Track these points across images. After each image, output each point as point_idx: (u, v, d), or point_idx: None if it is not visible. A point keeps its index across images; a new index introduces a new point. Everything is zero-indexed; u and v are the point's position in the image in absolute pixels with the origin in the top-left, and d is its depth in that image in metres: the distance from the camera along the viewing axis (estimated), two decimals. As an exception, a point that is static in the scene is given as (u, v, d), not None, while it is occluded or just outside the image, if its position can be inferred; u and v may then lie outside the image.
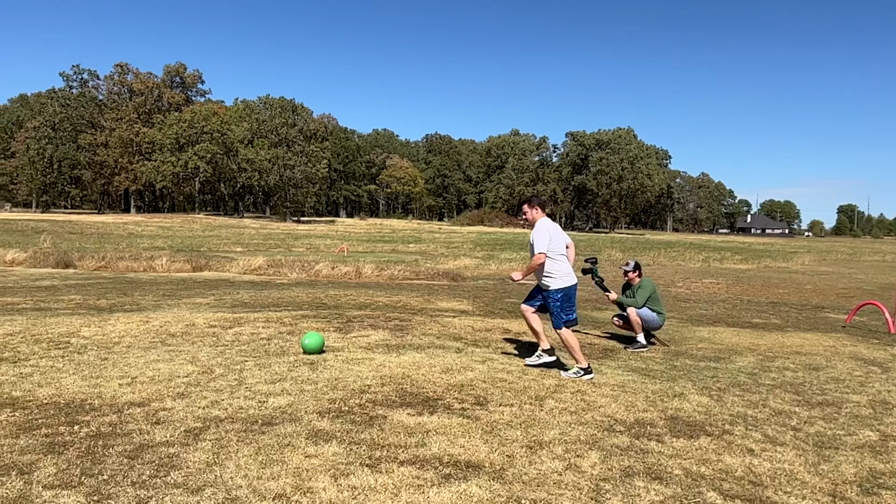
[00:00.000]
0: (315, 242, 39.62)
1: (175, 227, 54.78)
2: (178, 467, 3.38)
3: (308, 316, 8.58)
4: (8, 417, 4.07)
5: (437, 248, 35.26)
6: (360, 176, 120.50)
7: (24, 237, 32.84)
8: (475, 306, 10.94)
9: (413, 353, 6.42)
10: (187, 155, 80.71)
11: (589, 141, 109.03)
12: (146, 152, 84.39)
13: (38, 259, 19.26)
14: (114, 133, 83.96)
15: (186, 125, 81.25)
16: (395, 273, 17.74)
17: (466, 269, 21.40)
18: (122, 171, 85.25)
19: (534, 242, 5.88)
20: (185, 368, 5.48)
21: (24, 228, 39.74)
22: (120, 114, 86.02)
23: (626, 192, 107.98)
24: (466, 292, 13.60)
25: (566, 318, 5.94)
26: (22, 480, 3.14)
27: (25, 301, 10.09)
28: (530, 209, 6.07)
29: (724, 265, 29.46)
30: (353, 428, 4.09)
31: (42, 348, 6.16)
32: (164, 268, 18.49)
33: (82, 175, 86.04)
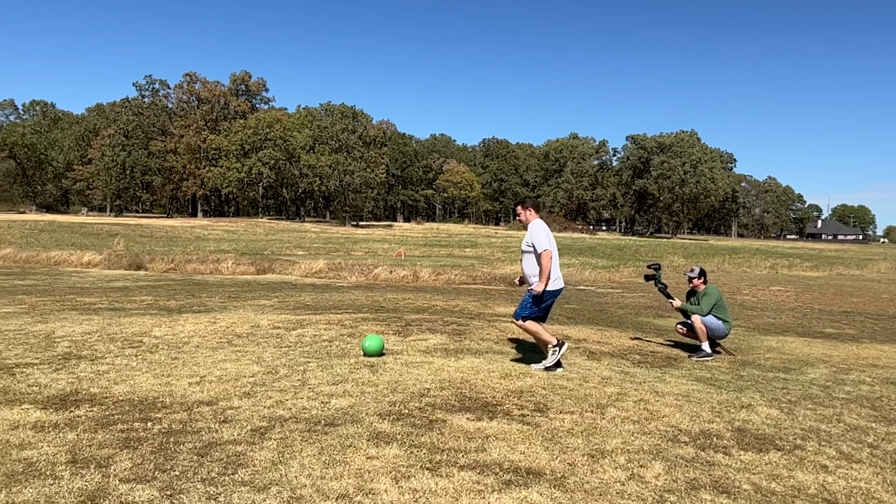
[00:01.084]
0: (373, 246, 40.15)
1: (239, 230, 56.47)
2: (244, 465, 3.47)
3: (368, 319, 8.70)
4: (87, 413, 4.27)
5: (493, 253, 35.19)
6: (418, 181, 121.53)
7: (99, 240, 34.46)
8: (533, 312, 10.86)
9: (471, 357, 6.42)
10: (251, 161, 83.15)
11: (650, 144, 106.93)
12: (213, 158, 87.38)
13: (112, 261, 20.19)
14: (182, 140, 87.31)
15: (251, 132, 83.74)
16: (451, 277, 17.80)
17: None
18: (190, 176, 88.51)
19: (534, 243, 5.81)
20: (251, 368, 5.64)
21: (98, 232, 41.71)
22: (188, 121, 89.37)
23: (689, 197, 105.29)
24: (524, 297, 13.52)
25: (530, 312, 5.89)
26: (100, 473, 3.29)
27: (101, 301, 10.57)
28: (524, 211, 6.05)
29: (793, 272, 28.35)
30: (414, 431, 4.12)
31: (117, 347, 6.44)
32: (230, 270, 19.08)
33: (153, 180, 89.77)
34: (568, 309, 11.59)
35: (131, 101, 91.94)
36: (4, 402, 4.43)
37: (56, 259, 20.85)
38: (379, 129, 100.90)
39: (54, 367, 5.47)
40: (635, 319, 10.78)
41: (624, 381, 5.83)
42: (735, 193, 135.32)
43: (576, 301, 13.30)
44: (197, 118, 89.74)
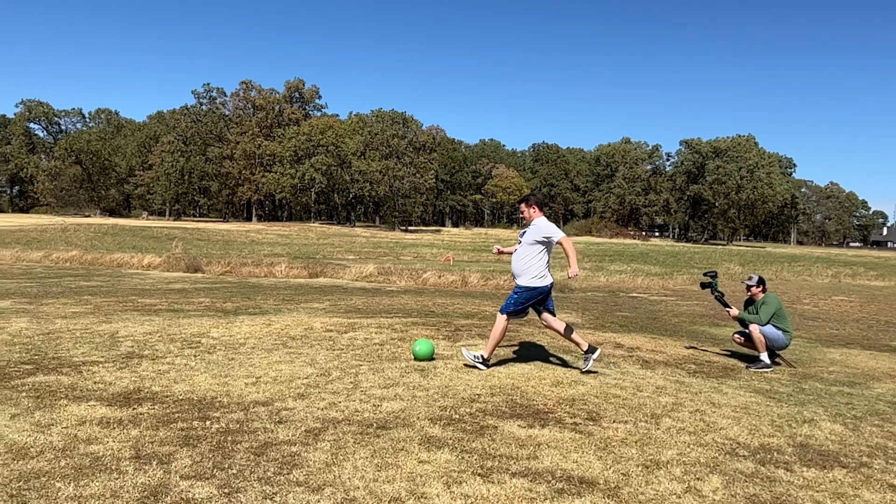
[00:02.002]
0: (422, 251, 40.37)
1: (292, 235, 57.59)
2: (299, 466, 3.53)
3: (418, 323, 8.75)
4: (149, 410, 4.42)
5: (543, 259, 34.95)
6: (466, 186, 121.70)
7: (159, 243, 35.65)
8: (585, 319, 10.73)
9: (522, 364, 6.38)
10: (304, 167, 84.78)
11: (705, 149, 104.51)
12: (267, 164, 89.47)
13: (170, 263, 20.85)
14: (238, 146, 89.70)
15: (304, 139, 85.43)
16: (501, 283, 17.72)
17: (574, 280, 21.04)
18: (246, 181, 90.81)
19: (549, 234, 5.87)
20: (305, 370, 5.74)
21: (158, 235, 43.17)
22: (244, 128, 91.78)
23: (746, 203, 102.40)
24: (575, 304, 13.37)
25: (515, 309, 5.94)
26: (162, 470, 3.39)
27: (161, 302, 10.92)
28: (528, 208, 6.07)
29: (857, 281, 27.22)
30: (465, 436, 4.12)
31: (177, 347, 6.65)
32: (283, 273, 19.47)
33: (210, 185, 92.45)
34: (620, 317, 11.40)
35: (190, 109, 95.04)
36: (73, 398, 4.62)
37: (118, 261, 21.65)
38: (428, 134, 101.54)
39: (118, 366, 5.68)
40: (690, 328, 10.53)
41: (679, 390, 5.70)
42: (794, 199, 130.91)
43: (628, 309, 13.09)
44: (252, 125, 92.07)
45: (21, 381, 4.99)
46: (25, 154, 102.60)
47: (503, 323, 6.00)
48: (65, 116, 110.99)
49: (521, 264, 5.98)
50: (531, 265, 5.93)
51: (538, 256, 5.94)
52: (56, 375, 5.23)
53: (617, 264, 30.37)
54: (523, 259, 5.98)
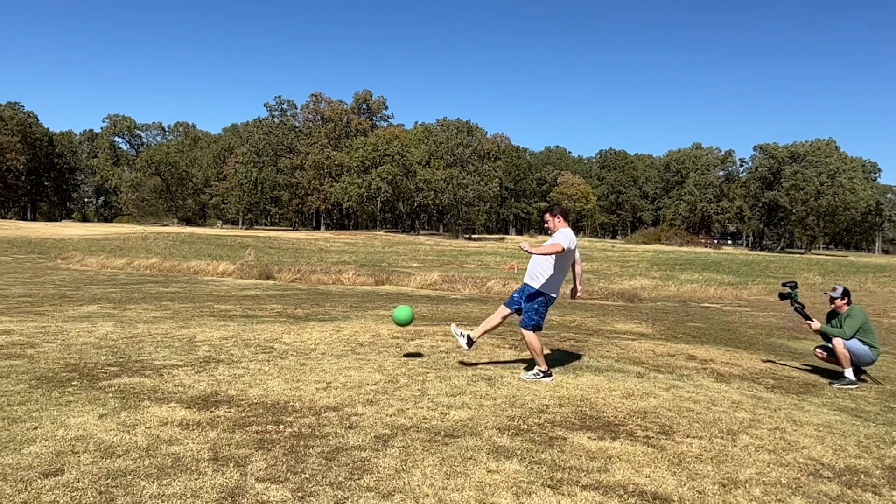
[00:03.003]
0: (485, 259, 40.31)
1: (359, 243, 58.60)
2: (370, 471, 3.58)
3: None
4: (225, 413, 4.57)
5: (610, 267, 34.31)
6: (531, 193, 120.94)
7: (232, 251, 36.93)
8: (655, 329, 10.47)
9: (591, 375, 6.28)
10: (371, 176, 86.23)
11: (781, 154, 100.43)
12: (335, 174, 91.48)
13: (244, 271, 21.56)
14: (308, 157, 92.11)
15: (371, 149, 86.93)
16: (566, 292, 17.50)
17: (643, 289, 20.56)
18: (315, 191, 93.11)
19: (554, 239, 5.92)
20: (374, 377, 5.81)
21: (232, 243, 44.73)
22: (313, 139, 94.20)
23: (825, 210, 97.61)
24: (644, 314, 13.06)
25: (536, 320, 5.92)
26: (238, 472, 3.50)
27: (235, 308, 11.31)
28: (552, 218, 6.06)
29: (952, 293, 25.49)
30: (533, 447, 4.08)
31: (251, 352, 6.86)
32: (351, 281, 19.84)
33: (281, 195, 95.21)
34: (692, 327, 11.07)
35: (262, 121, 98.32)
36: (154, 399, 4.83)
37: (195, 268, 22.55)
38: (493, 142, 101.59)
39: (196, 370, 5.91)
40: (767, 340, 10.12)
41: (756, 406, 5.47)
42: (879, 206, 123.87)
43: (700, 319, 12.68)
44: (321, 136, 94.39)
45: (108, 383, 5.26)
46: (110, 166, 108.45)
47: (535, 339, 5.95)
48: (146, 130, 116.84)
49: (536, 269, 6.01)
50: (550, 273, 5.94)
51: (558, 265, 5.95)
52: (139, 378, 5.48)
53: (688, 273, 29.49)
54: (537, 265, 6.01)
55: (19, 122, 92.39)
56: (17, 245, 35.27)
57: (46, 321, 8.65)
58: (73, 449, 3.70)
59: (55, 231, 49.23)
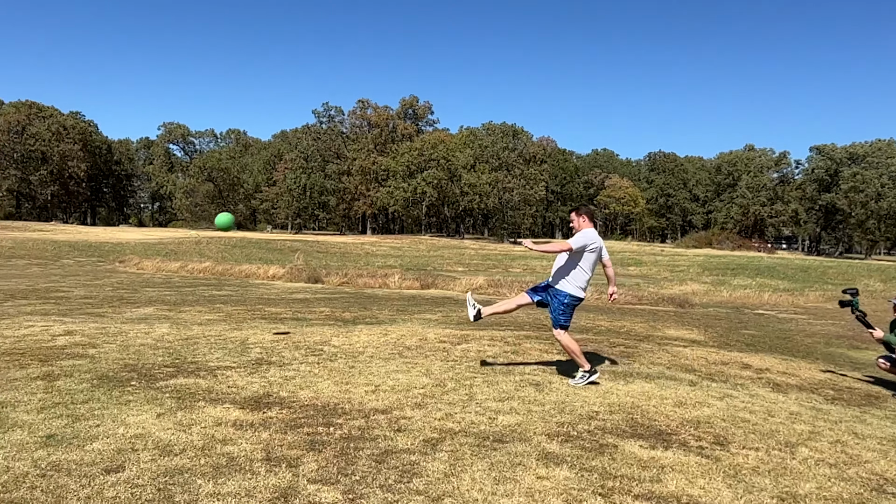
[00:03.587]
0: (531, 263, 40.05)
1: (404, 247, 59.00)
2: (419, 475, 3.59)
3: (531, 336, 8.68)
4: (277, 415, 4.65)
5: (659, 272, 33.68)
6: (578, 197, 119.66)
7: (282, 255, 37.63)
8: (707, 336, 10.22)
9: (641, 382, 6.17)
10: (416, 181, 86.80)
11: (839, 155, 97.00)
12: (381, 179, 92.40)
13: (293, 274, 21.93)
14: (355, 162, 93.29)
15: (416, 153, 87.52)
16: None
17: (694, 294, 20.11)
18: (361, 196, 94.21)
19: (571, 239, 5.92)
20: (421, 380, 5.84)
21: (281, 247, 45.60)
22: (360, 145, 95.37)
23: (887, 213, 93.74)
24: (696, 320, 12.76)
25: (564, 322, 5.91)
26: (290, 472, 3.56)
27: (286, 311, 11.50)
28: (577, 217, 6.07)
29: None
30: (584, 454, 4.03)
31: (301, 354, 6.97)
32: (397, 285, 19.97)
33: (328, 200, 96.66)
34: (747, 335, 10.77)
35: (311, 128, 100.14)
36: (209, 400, 4.95)
37: (246, 272, 23.05)
38: (539, 146, 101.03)
39: (249, 371, 6.03)
40: (825, 350, 9.77)
41: (816, 418, 5.29)
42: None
43: (755, 326, 12.33)
44: (368, 142, 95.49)
45: (164, 383, 5.41)
46: (165, 173, 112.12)
47: (568, 339, 5.95)
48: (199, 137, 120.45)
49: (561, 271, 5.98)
50: (576, 274, 5.92)
51: (582, 266, 5.92)
52: (194, 378, 5.63)
53: (740, 278, 28.70)
54: (563, 265, 5.98)
55: (80, 131, 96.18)
56: (79, 249, 36.70)
57: (106, 322, 8.96)
58: (133, 447, 3.82)
59: (113, 235, 51.07)
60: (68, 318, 9.47)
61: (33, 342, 7.06)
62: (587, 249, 5.85)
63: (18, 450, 3.69)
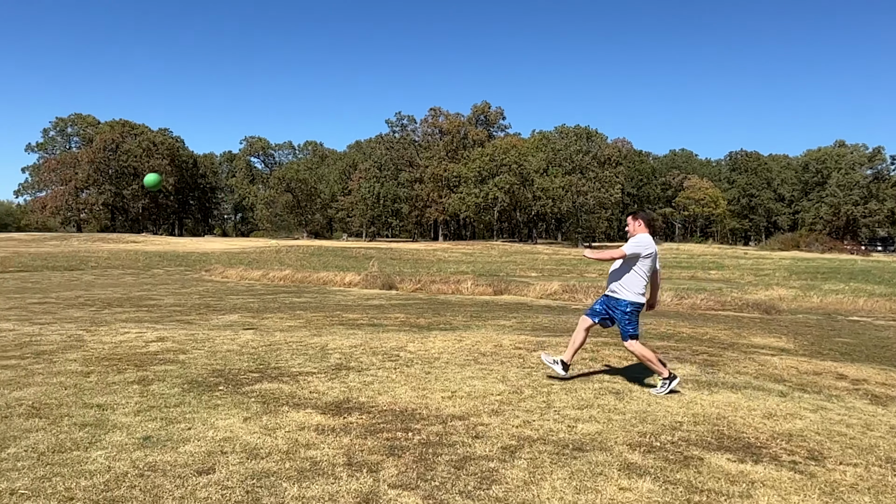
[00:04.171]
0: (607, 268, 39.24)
1: (476, 253, 59.07)
2: (498, 482, 3.57)
3: (609, 343, 8.51)
4: (357, 420, 4.74)
5: (743, 276, 32.34)
6: (655, 199, 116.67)
7: (357, 262, 38.41)
8: (797, 344, 9.73)
9: (727, 392, 5.93)
10: (488, 187, 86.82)
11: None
12: (452, 186, 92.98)
13: (368, 281, 22.33)
14: (427, 170, 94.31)
15: (488, 159, 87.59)
16: (696, 302, 16.68)
17: (781, 300, 19.18)
18: (433, 203, 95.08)
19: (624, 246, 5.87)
20: (497, 387, 5.82)
21: (356, 255, 46.54)
22: (432, 152, 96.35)
23: None
24: (784, 327, 12.17)
25: (633, 331, 5.80)
26: (371, 477, 3.61)
27: (362, 318, 11.73)
28: (633, 221, 6.03)
29: None
30: (667, 466, 3.91)
31: (378, 360, 7.08)
32: (469, 291, 20.01)
33: (401, 208, 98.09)
34: (840, 343, 10.18)
35: (384, 137, 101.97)
36: (292, 405, 5.09)
37: (324, 279, 23.64)
38: (614, 147, 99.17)
39: (329, 376, 6.18)
40: (931, 357, 9.10)
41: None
42: None
43: (849, 334, 11.64)
44: (439, 149, 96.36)
45: (250, 388, 5.61)
46: (247, 185, 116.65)
47: (641, 348, 5.84)
48: (279, 150, 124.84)
49: (616, 278, 5.89)
50: (631, 280, 5.80)
51: (637, 271, 5.79)
52: (278, 383, 5.81)
53: (832, 283, 27.17)
54: (619, 273, 5.89)
55: (169, 147, 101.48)
56: (168, 259, 38.64)
57: (194, 329, 9.39)
58: (222, 449, 3.98)
59: (199, 245, 53.51)
60: (160, 325, 9.98)
61: (129, 348, 7.47)
62: (642, 256, 5.77)
63: (118, 450, 3.91)
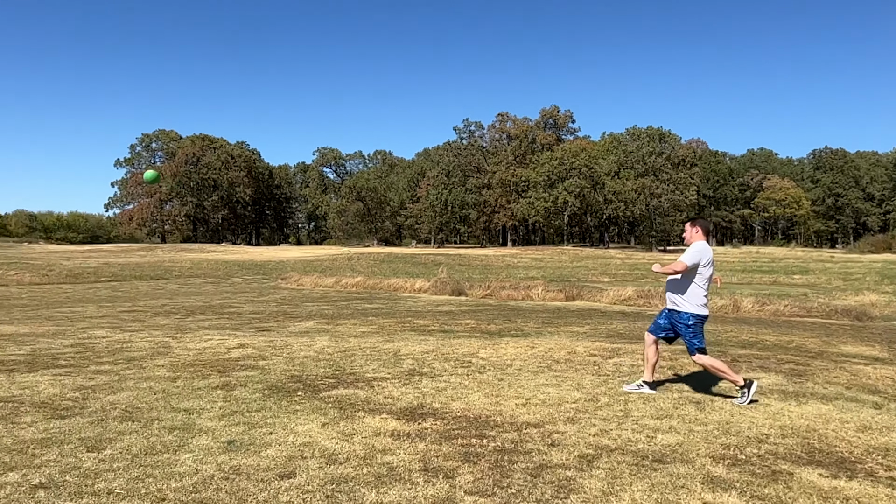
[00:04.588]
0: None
1: (545, 258, 58.49)
2: (575, 491, 3.51)
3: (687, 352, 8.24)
4: (431, 426, 4.76)
5: (829, 280, 30.72)
6: (732, 200, 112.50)
7: (426, 269, 38.71)
8: (893, 353, 9.15)
9: (817, 403, 5.63)
10: (557, 191, 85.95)
11: None
12: (521, 191, 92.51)
13: (437, 287, 22.46)
14: (494, 175, 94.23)
15: (557, 163, 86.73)
16: (780, 308, 15.96)
17: (874, 306, 18.11)
18: (501, 208, 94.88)
19: (682, 257, 5.69)
20: (572, 395, 5.73)
21: (425, 261, 46.92)
22: (500, 157, 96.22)
23: None
24: (877, 335, 11.48)
25: (699, 344, 5.65)
26: (448, 483, 3.62)
27: (433, 324, 11.80)
28: (690, 228, 5.92)
29: None
30: (754, 480, 3.74)
31: (451, 366, 7.10)
32: (540, 297, 19.82)
33: (469, 214, 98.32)
34: (941, 349, 9.51)
35: (451, 144, 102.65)
36: (368, 410, 5.17)
37: (394, 286, 23.94)
38: (689, 148, 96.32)
39: (402, 382, 6.24)
40: None
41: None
42: None
43: (951, 340, 10.87)
44: (507, 154, 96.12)
45: (327, 394, 5.74)
46: (319, 194, 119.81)
47: (710, 360, 5.66)
48: (349, 159, 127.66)
49: (676, 290, 5.74)
50: (692, 291, 5.66)
51: (698, 282, 5.65)
52: (353, 389, 5.92)
53: (930, 286, 25.45)
54: (676, 285, 5.73)
55: (246, 159, 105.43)
56: (246, 268, 40.06)
57: (273, 336, 9.68)
58: (302, 454, 4.08)
59: (275, 254, 55.26)
60: (240, 332, 10.34)
61: (212, 354, 7.78)
62: (701, 265, 5.65)
63: (205, 454, 4.07)
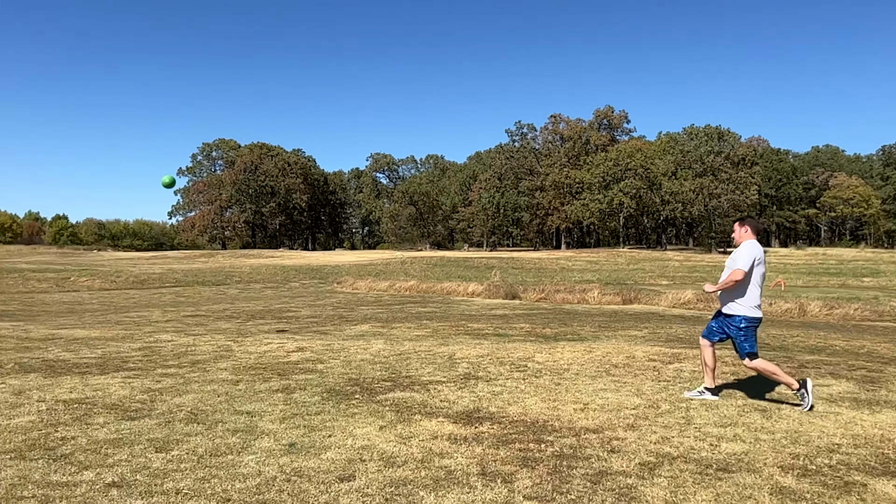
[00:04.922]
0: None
1: (601, 261, 57.65)
2: (637, 499, 3.44)
3: (751, 356, 7.98)
4: (488, 429, 4.75)
5: (903, 282, 29.26)
6: (796, 200, 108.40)
7: (479, 272, 38.69)
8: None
9: (892, 412, 5.37)
10: (612, 192, 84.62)
11: None
12: (575, 192, 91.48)
13: (491, 291, 22.41)
14: (548, 177, 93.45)
15: (612, 164, 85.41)
16: (849, 312, 15.30)
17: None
18: (555, 211, 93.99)
19: (735, 259, 5.52)
20: (632, 400, 5.62)
21: (478, 265, 46.90)
22: (553, 159, 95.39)
23: None
24: (957, 338, 10.88)
25: (750, 348, 5.50)
26: (506, 488, 3.60)
27: (487, 327, 11.78)
28: (740, 229, 5.75)
29: None
30: (825, 491, 3.59)
31: (506, 370, 7.07)
32: (596, 300, 19.55)
33: (521, 217, 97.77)
34: None
35: (503, 147, 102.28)
36: (424, 413, 5.19)
37: (447, 289, 24.02)
38: (749, 146, 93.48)
39: (458, 386, 6.25)
40: None
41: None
42: None
43: None
44: (560, 156, 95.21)
45: (384, 397, 5.79)
46: (373, 199, 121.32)
47: (763, 363, 5.51)
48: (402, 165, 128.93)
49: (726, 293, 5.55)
50: (746, 293, 5.48)
51: (751, 284, 5.46)
52: (410, 392, 5.95)
53: None
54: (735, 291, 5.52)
55: (302, 166, 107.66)
56: (303, 272, 40.86)
57: (330, 339, 9.84)
58: (361, 457, 4.12)
59: (330, 259, 56.17)
60: (299, 335, 10.55)
61: (272, 358, 7.96)
62: (755, 264, 5.48)
63: (267, 455, 4.16)
